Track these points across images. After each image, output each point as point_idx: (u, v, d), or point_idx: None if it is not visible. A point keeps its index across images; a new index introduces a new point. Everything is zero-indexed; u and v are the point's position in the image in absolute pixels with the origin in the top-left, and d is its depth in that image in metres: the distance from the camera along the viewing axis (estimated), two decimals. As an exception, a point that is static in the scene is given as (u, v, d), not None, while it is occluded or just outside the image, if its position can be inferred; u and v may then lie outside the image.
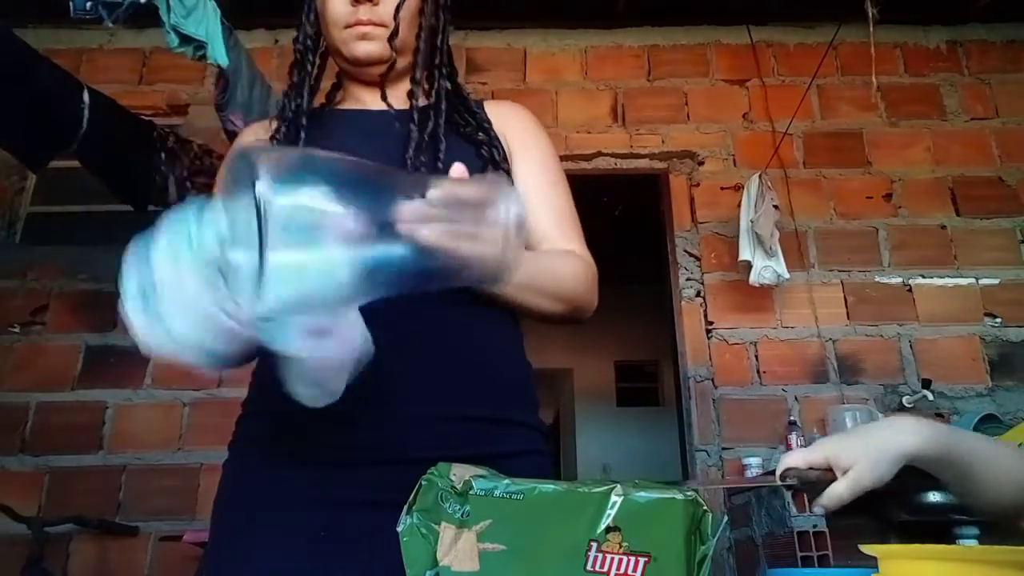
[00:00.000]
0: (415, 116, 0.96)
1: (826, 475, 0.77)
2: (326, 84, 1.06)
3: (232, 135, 2.25)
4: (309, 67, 1.01)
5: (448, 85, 1.01)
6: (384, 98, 0.99)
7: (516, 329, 0.97)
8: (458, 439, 0.82)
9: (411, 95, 0.98)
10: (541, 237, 0.96)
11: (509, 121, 1.04)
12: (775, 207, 2.92)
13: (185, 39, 1.93)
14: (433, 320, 0.86)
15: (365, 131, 0.98)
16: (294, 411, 0.86)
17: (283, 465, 0.84)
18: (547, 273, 0.92)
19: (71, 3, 1.80)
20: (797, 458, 0.79)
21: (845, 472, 0.75)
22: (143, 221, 0.57)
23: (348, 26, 0.96)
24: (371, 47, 0.96)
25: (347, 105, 1.04)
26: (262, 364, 0.90)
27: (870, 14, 2.01)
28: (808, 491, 0.80)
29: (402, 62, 1.00)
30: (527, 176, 1.00)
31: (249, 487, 0.86)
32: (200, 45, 1.95)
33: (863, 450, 0.75)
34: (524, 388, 0.93)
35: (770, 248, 2.85)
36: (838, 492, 0.75)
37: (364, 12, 0.95)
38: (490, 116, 1.03)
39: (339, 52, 0.99)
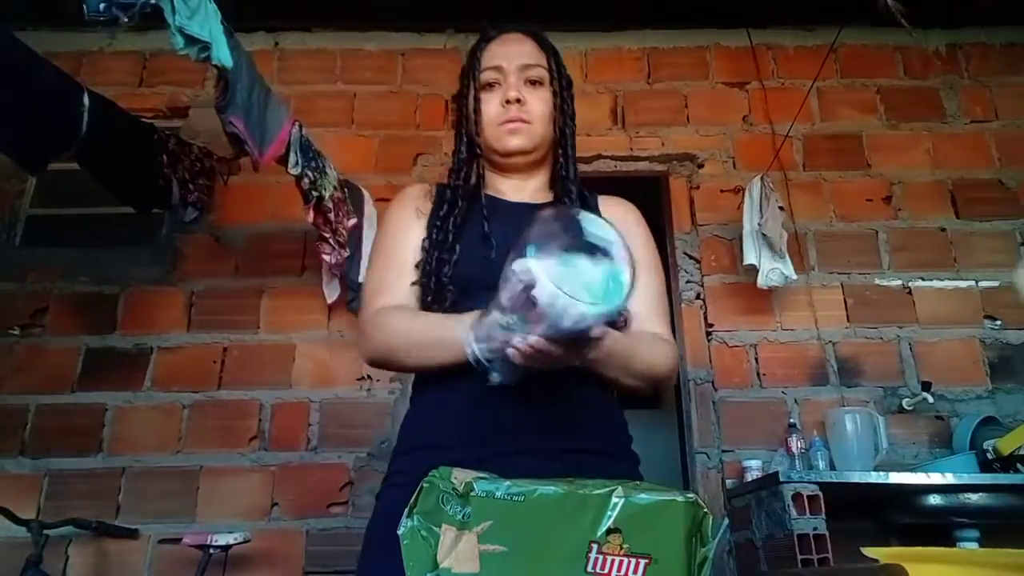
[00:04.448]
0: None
1: None
2: None
3: (232, 137, 2.23)
4: (469, 166, 1.27)
5: (576, 187, 1.27)
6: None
7: (611, 392, 1.18)
8: (576, 465, 0.98)
9: (553, 186, 1.28)
10: (633, 314, 1.14)
11: (621, 224, 1.13)
12: (780, 208, 2.91)
13: (190, 40, 1.92)
14: (553, 389, 1.04)
15: (504, 215, 1.21)
16: (441, 445, 1.02)
17: None
18: (638, 357, 1.10)
19: (84, 5, 1.79)
20: None
21: None
22: (143, 222, 0.58)
23: (501, 123, 1.22)
24: (519, 140, 1.22)
25: (488, 191, 1.27)
26: (415, 405, 1.14)
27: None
28: None
29: (540, 154, 1.26)
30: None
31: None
32: (204, 47, 1.94)
33: None
34: (621, 429, 1.19)
35: (779, 250, 2.83)
36: None
37: (513, 110, 1.21)
38: (604, 213, 1.20)
39: (492, 147, 1.24)
